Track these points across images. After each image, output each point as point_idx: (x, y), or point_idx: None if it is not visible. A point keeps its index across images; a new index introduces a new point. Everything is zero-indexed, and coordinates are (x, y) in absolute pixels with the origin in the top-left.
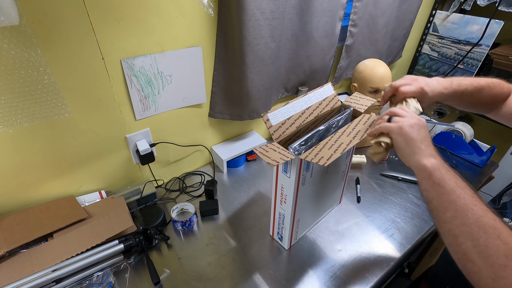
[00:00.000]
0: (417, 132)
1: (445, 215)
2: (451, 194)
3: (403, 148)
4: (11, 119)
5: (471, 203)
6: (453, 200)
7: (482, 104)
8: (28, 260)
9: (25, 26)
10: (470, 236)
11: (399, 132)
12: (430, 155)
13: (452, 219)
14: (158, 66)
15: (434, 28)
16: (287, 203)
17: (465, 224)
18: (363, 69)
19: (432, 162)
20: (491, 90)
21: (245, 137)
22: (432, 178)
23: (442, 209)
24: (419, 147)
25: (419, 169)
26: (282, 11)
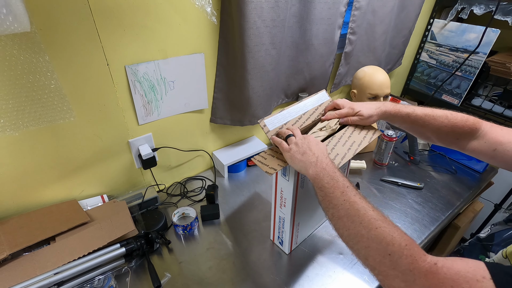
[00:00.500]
0: (298, 147)
1: (329, 213)
2: (332, 197)
3: (292, 162)
4: (18, 123)
5: (340, 198)
6: (331, 201)
7: (441, 133)
8: (31, 263)
9: (34, 33)
10: (345, 227)
11: (287, 152)
12: (310, 164)
13: (336, 218)
14: (161, 72)
15: (432, 36)
16: (286, 206)
17: (339, 217)
18: (362, 76)
19: (312, 171)
20: (448, 120)
21: (246, 142)
22: (315, 184)
23: (328, 209)
24: (300, 160)
25: (310, 179)
26: (283, 19)
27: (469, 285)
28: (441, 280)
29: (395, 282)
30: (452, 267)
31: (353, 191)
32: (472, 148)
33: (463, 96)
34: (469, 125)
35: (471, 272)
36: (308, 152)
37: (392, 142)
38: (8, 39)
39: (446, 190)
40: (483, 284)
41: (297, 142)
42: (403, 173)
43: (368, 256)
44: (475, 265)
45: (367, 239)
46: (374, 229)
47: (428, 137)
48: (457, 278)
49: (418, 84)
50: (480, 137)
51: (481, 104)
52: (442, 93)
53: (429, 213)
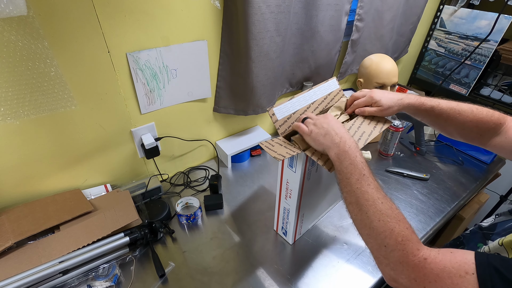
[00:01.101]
0: (319, 129)
1: (343, 195)
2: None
3: (313, 144)
4: (19, 111)
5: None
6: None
7: (465, 128)
8: (36, 251)
9: (33, 18)
10: (353, 212)
11: (307, 134)
12: (334, 145)
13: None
14: (163, 59)
15: (441, 23)
16: (292, 197)
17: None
18: (369, 64)
19: (335, 152)
20: (474, 115)
21: (249, 132)
22: (335, 166)
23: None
24: (323, 141)
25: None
26: (288, 4)
27: (451, 281)
28: (426, 274)
29: (386, 268)
30: (439, 263)
31: (368, 180)
32: (493, 144)
33: (471, 85)
34: (494, 120)
35: (455, 267)
36: (332, 133)
37: (398, 133)
38: (6, 24)
39: (452, 181)
40: (464, 279)
41: (315, 123)
42: (408, 164)
43: (368, 242)
44: (462, 259)
45: (369, 229)
46: (377, 221)
47: (450, 132)
48: (441, 273)
49: (425, 73)
50: (503, 132)
51: (490, 94)
52: (450, 83)
53: (434, 204)
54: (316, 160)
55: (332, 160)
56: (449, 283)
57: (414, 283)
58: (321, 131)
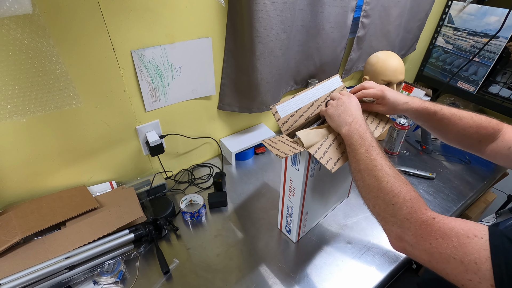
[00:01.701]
0: (335, 109)
1: (352, 166)
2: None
3: (330, 122)
4: (25, 108)
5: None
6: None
7: (465, 134)
8: (42, 247)
9: (38, 16)
10: (362, 178)
11: (326, 113)
12: (345, 123)
13: (356, 171)
14: (168, 57)
15: (450, 19)
16: (295, 196)
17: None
18: (375, 61)
19: (345, 129)
20: (473, 121)
21: (253, 130)
22: (346, 141)
23: (352, 163)
24: (337, 120)
25: (342, 136)
26: (293, 1)
27: (458, 240)
28: (433, 231)
29: (393, 227)
30: (448, 223)
31: (376, 150)
32: (490, 150)
33: (479, 83)
34: (493, 125)
35: (465, 230)
36: (347, 112)
37: (404, 131)
38: (11, 22)
39: (459, 181)
40: (472, 241)
41: (336, 103)
42: (414, 163)
43: (375, 204)
44: (472, 225)
45: (377, 190)
46: (385, 182)
47: (449, 138)
48: (449, 232)
49: (432, 71)
50: (499, 138)
51: (499, 92)
52: (458, 80)
53: (441, 203)
54: (318, 159)
55: (343, 136)
56: (455, 241)
57: (420, 239)
58: (337, 110)
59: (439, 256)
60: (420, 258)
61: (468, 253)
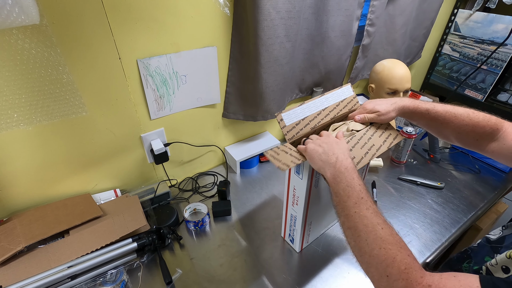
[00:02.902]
0: (315, 147)
1: (340, 220)
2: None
3: (311, 163)
4: (31, 117)
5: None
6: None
7: (461, 132)
8: (46, 255)
9: (46, 26)
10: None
11: (304, 152)
12: (329, 165)
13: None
14: (173, 66)
15: (456, 27)
16: (299, 204)
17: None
18: (381, 69)
19: (330, 172)
20: (470, 119)
21: (258, 138)
22: (332, 188)
23: (340, 216)
24: (318, 160)
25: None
26: (298, 10)
27: None
28: None
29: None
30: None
31: (366, 203)
32: (491, 149)
33: (488, 91)
34: (491, 125)
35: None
36: (328, 152)
37: (411, 140)
38: (20, 33)
39: (469, 191)
40: None
41: (314, 142)
42: (422, 172)
43: (369, 272)
44: (466, 283)
45: (369, 257)
46: (378, 249)
47: (446, 136)
48: None
49: (439, 79)
50: (501, 138)
51: (508, 100)
52: (465, 88)
53: (450, 214)
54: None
55: (328, 181)
56: None
57: None
58: (318, 149)
59: None
60: None
61: None
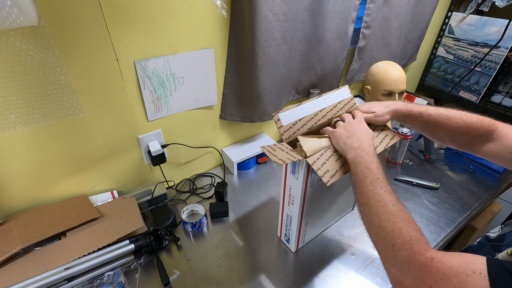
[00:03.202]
0: (343, 131)
1: (356, 196)
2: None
3: (336, 145)
4: (28, 118)
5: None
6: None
7: (455, 134)
8: (42, 257)
9: (44, 28)
10: (364, 212)
11: (332, 135)
12: (352, 149)
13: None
14: (170, 67)
15: (450, 30)
16: (294, 204)
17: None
18: (376, 71)
19: (351, 155)
20: (463, 121)
21: (255, 140)
22: (351, 168)
23: (356, 193)
24: (343, 144)
25: (348, 162)
26: (294, 13)
27: (458, 279)
28: (433, 273)
29: (393, 269)
30: (446, 262)
31: (381, 183)
32: (487, 151)
33: (482, 92)
34: (485, 126)
35: (463, 267)
36: (353, 137)
37: (407, 140)
38: (17, 34)
39: (464, 191)
40: (471, 279)
41: (345, 125)
42: (418, 173)
43: (376, 242)
44: (470, 260)
45: (378, 228)
46: (386, 221)
47: (441, 138)
48: (448, 272)
49: (434, 80)
50: (496, 139)
51: (501, 101)
52: (460, 90)
53: (445, 214)
54: (316, 170)
55: (349, 162)
56: (455, 281)
57: (420, 282)
58: (345, 133)
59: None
60: None
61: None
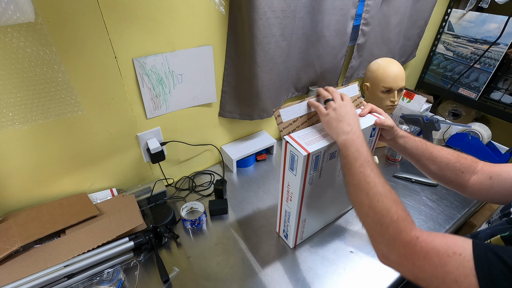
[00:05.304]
0: (335, 114)
1: (346, 179)
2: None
3: (326, 127)
4: (27, 116)
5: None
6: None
7: (448, 164)
8: (41, 255)
9: (41, 25)
10: (354, 194)
11: (324, 117)
12: (342, 133)
13: (350, 185)
14: (169, 65)
15: (449, 27)
16: (292, 201)
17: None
18: (375, 68)
19: (342, 138)
20: (453, 152)
21: (254, 137)
22: (342, 152)
23: (346, 176)
24: (335, 127)
25: (339, 146)
26: (293, 9)
27: (439, 259)
28: (416, 251)
29: (380, 246)
30: (430, 242)
31: (371, 166)
32: (473, 183)
33: (481, 89)
34: (471, 158)
35: (445, 248)
36: (344, 122)
37: None
38: (15, 31)
39: None
40: (451, 259)
41: (335, 108)
42: (416, 170)
43: (365, 222)
44: (452, 242)
45: (368, 208)
46: (376, 201)
47: (431, 172)
48: (430, 251)
49: (433, 77)
50: (478, 171)
51: (501, 98)
52: (459, 87)
53: (444, 211)
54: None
55: (339, 146)
56: (436, 261)
57: (404, 259)
58: (337, 117)
59: (423, 275)
60: (406, 276)
61: (449, 271)
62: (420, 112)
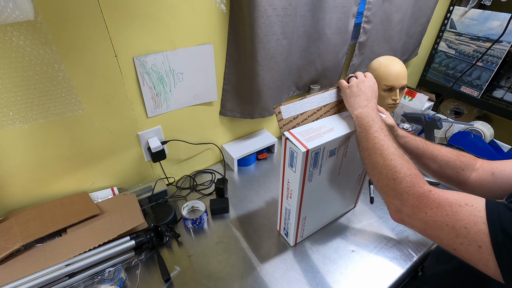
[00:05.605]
0: (355, 88)
1: (361, 145)
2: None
3: (345, 99)
4: (27, 115)
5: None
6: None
7: (449, 162)
8: (43, 254)
9: (41, 23)
10: (369, 156)
11: (344, 90)
12: (359, 106)
13: (365, 149)
14: (170, 63)
15: (452, 24)
16: (292, 198)
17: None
18: (377, 66)
19: (358, 111)
20: (452, 151)
21: (256, 136)
22: (357, 122)
23: (361, 142)
24: (353, 100)
25: (354, 117)
26: (294, 7)
27: (451, 208)
28: (429, 202)
29: (394, 200)
30: (443, 195)
31: (384, 132)
32: (474, 180)
33: (483, 87)
34: (470, 156)
35: (457, 199)
36: (362, 96)
37: None
38: (14, 30)
39: None
40: (463, 209)
41: (357, 83)
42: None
43: (379, 180)
44: (465, 195)
45: (382, 166)
46: (389, 160)
47: (432, 170)
48: (443, 202)
49: (435, 76)
50: (479, 168)
51: (503, 96)
52: (461, 85)
53: None
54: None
55: (354, 117)
56: (448, 210)
57: (417, 210)
58: (357, 91)
59: (434, 224)
60: (416, 227)
61: (459, 219)
62: (422, 111)
